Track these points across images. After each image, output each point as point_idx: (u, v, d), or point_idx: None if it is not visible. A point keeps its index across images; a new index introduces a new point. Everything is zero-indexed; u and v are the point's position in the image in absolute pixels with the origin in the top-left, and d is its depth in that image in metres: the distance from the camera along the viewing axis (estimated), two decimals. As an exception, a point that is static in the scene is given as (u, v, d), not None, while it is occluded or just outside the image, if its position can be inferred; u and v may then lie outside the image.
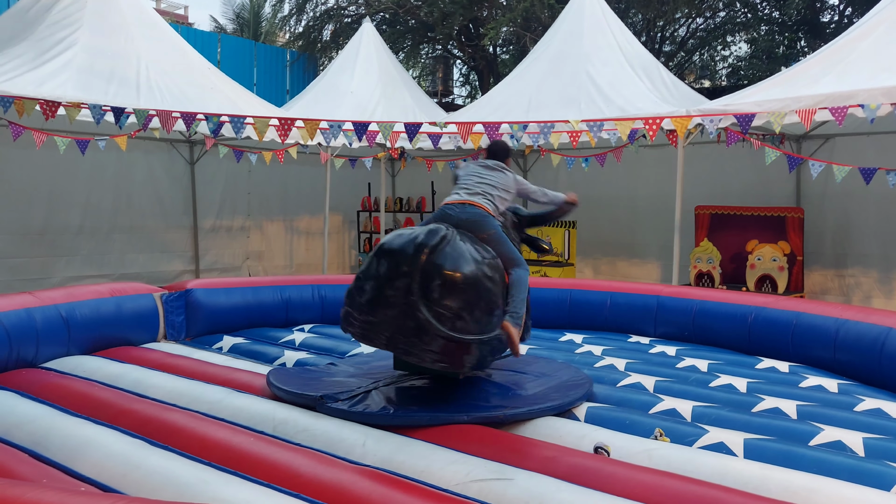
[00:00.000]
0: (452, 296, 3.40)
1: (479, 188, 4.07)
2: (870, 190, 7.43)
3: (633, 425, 3.56)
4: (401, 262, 3.39)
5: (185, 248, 10.43)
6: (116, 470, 2.94)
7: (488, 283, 3.57)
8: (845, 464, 3.06)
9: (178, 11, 25.39)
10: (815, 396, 4.16)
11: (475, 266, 3.52)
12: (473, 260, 3.54)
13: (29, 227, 8.66)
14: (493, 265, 3.71)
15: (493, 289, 3.62)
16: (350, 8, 17.27)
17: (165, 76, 8.13)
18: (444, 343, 3.44)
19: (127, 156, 8.92)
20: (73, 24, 7.78)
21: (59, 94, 6.87)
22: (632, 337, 5.89)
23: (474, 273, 3.48)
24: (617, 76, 8.89)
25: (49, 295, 4.91)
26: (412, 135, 7.88)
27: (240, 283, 6.35)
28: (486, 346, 3.69)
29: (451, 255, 3.45)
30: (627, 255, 10.56)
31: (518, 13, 14.08)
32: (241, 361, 4.90)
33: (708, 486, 2.78)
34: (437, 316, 3.37)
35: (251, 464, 2.99)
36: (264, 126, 7.46)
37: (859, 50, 6.94)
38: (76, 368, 4.52)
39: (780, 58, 15.19)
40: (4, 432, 3.41)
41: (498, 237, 3.91)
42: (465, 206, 3.93)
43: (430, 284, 3.37)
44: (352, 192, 11.61)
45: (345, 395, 3.77)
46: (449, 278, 3.39)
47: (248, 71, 14.52)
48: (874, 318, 4.73)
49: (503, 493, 2.78)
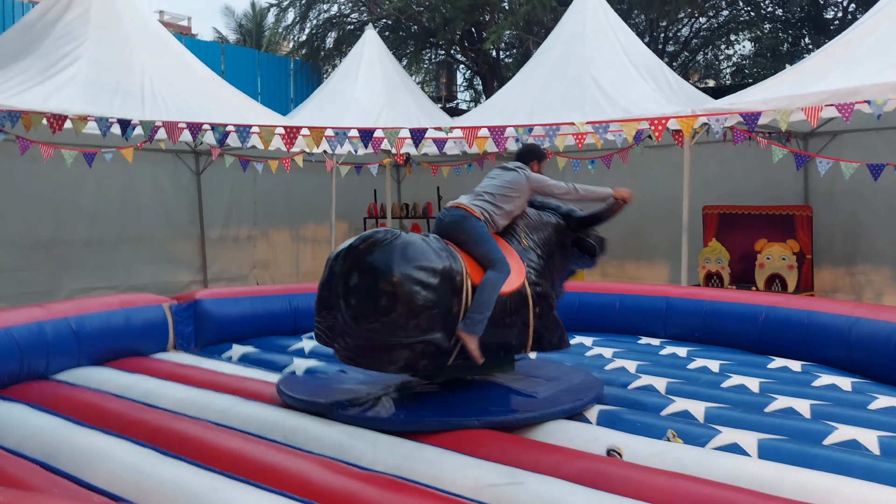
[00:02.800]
0: (370, 296, 3.49)
1: (480, 190, 4.13)
2: (878, 186, 7.38)
3: (645, 427, 3.55)
4: (334, 265, 3.65)
5: (192, 259, 10.46)
6: (128, 480, 2.94)
7: (419, 287, 3.52)
8: (861, 463, 3.03)
9: (181, 23, 25.51)
10: (828, 395, 4.13)
11: (404, 270, 3.50)
12: (408, 264, 3.52)
13: (37, 239, 8.69)
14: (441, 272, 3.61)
15: (426, 293, 3.53)
16: (353, 15, 17.34)
17: (170, 87, 8.16)
18: (362, 346, 3.56)
19: (133, 167, 8.95)
20: (78, 38, 7.82)
21: (66, 107, 6.91)
22: (642, 339, 5.87)
23: (400, 276, 3.49)
24: (621, 77, 8.88)
25: (59, 307, 4.92)
26: (418, 141, 7.89)
27: (248, 292, 6.36)
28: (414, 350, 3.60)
29: (381, 256, 3.53)
30: (635, 256, 10.52)
31: (520, 16, 14.10)
32: (251, 370, 4.90)
33: (722, 488, 2.76)
34: (356, 317, 3.52)
35: (262, 472, 2.99)
36: (270, 135, 7.48)
37: (865, 46, 6.91)
38: (87, 380, 4.53)
39: (785, 55, 15.16)
40: (16, 444, 3.41)
41: (475, 238, 3.90)
42: (451, 210, 4.02)
43: (349, 285, 3.54)
44: (358, 199, 11.61)
45: (355, 401, 3.76)
46: (368, 280, 3.50)
47: (252, 80, 14.56)
48: (887, 315, 4.70)
49: (515, 498, 2.77)
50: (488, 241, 3.93)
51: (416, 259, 3.57)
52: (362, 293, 3.51)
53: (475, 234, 3.91)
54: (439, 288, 3.60)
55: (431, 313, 3.57)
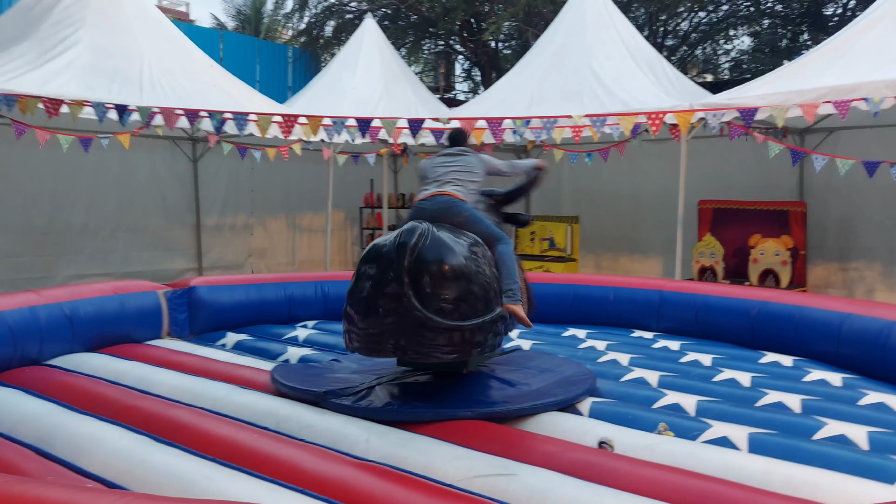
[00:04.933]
0: (445, 287, 3.43)
1: (447, 178, 4.13)
2: (873, 183, 7.40)
3: (637, 420, 3.57)
4: (386, 268, 3.40)
5: (188, 246, 10.44)
6: (121, 466, 2.96)
7: (475, 265, 3.60)
8: (849, 458, 3.06)
9: (179, 9, 25.33)
10: (818, 390, 4.16)
11: (458, 252, 3.55)
12: (456, 247, 3.57)
13: (33, 226, 8.67)
14: (475, 247, 3.73)
15: (481, 269, 3.64)
16: (352, 4, 17.26)
17: (168, 74, 8.13)
18: (450, 335, 3.47)
19: (130, 154, 8.93)
20: (76, 22, 7.78)
21: (63, 92, 6.88)
22: (635, 332, 5.89)
23: (459, 259, 3.52)
24: (619, 71, 8.87)
25: (53, 293, 4.92)
26: (415, 131, 7.88)
27: (243, 279, 6.36)
28: (489, 329, 3.70)
29: (433, 247, 3.46)
30: (630, 249, 10.55)
31: (520, 8, 14.05)
32: (245, 358, 4.91)
33: (711, 481, 2.78)
34: (437, 310, 3.39)
35: (255, 460, 3.00)
36: (267, 123, 7.46)
37: (863, 43, 6.91)
38: (80, 366, 4.54)
39: (784, 51, 15.15)
40: (10, 429, 3.42)
41: (472, 218, 3.96)
42: (436, 198, 4.01)
43: (421, 282, 3.38)
44: (354, 189, 11.60)
45: (348, 390, 3.78)
46: (437, 271, 3.42)
47: (251, 68, 14.50)
48: (878, 311, 4.72)
49: (506, 489, 2.79)
50: (483, 220, 4.02)
51: (459, 243, 3.63)
52: (438, 284, 3.40)
53: (471, 215, 3.97)
54: (487, 262, 3.75)
55: (494, 286, 3.70)
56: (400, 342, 3.46)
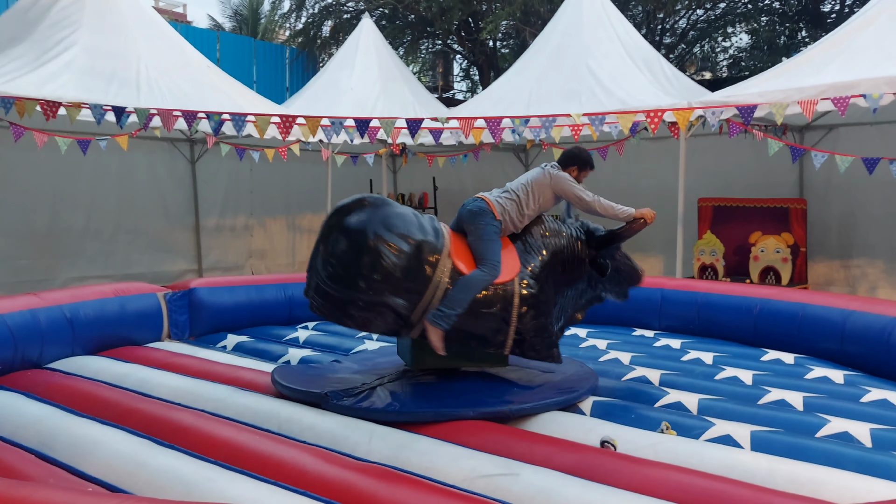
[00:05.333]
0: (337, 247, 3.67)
1: (509, 186, 4.14)
2: (873, 180, 7.39)
3: (639, 419, 3.56)
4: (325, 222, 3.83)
5: (188, 248, 10.43)
6: (123, 469, 2.94)
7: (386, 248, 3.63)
8: (852, 455, 3.05)
9: (176, 10, 25.30)
10: (821, 388, 4.15)
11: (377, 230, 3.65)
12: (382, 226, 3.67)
13: (33, 228, 8.66)
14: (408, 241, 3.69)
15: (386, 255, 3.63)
16: (349, 4, 17.25)
17: (165, 75, 8.10)
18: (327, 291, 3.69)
19: (129, 156, 8.91)
20: (73, 24, 7.76)
21: (60, 94, 6.86)
22: (636, 330, 5.89)
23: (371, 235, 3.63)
24: (618, 69, 8.85)
25: (53, 296, 4.91)
26: (414, 131, 7.86)
27: (243, 281, 6.35)
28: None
29: (361, 216, 3.70)
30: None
31: (517, 7, 14.04)
32: (246, 360, 4.90)
33: (714, 480, 2.77)
34: (324, 262, 3.70)
35: (257, 462, 3.00)
36: (265, 123, 7.45)
37: (861, 39, 6.90)
38: (81, 369, 4.53)
39: (782, 48, 15.14)
40: (11, 433, 3.41)
41: (481, 234, 3.91)
42: (475, 200, 4.05)
43: (328, 236, 3.73)
44: (353, 189, 11.40)
45: (350, 391, 3.77)
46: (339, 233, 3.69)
47: (248, 68, 14.49)
48: (880, 308, 4.72)
49: (509, 489, 2.78)
50: (492, 241, 3.90)
51: (395, 226, 3.70)
52: (336, 243, 3.68)
53: (482, 231, 3.92)
54: (410, 257, 3.67)
55: (394, 278, 3.64)
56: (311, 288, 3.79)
